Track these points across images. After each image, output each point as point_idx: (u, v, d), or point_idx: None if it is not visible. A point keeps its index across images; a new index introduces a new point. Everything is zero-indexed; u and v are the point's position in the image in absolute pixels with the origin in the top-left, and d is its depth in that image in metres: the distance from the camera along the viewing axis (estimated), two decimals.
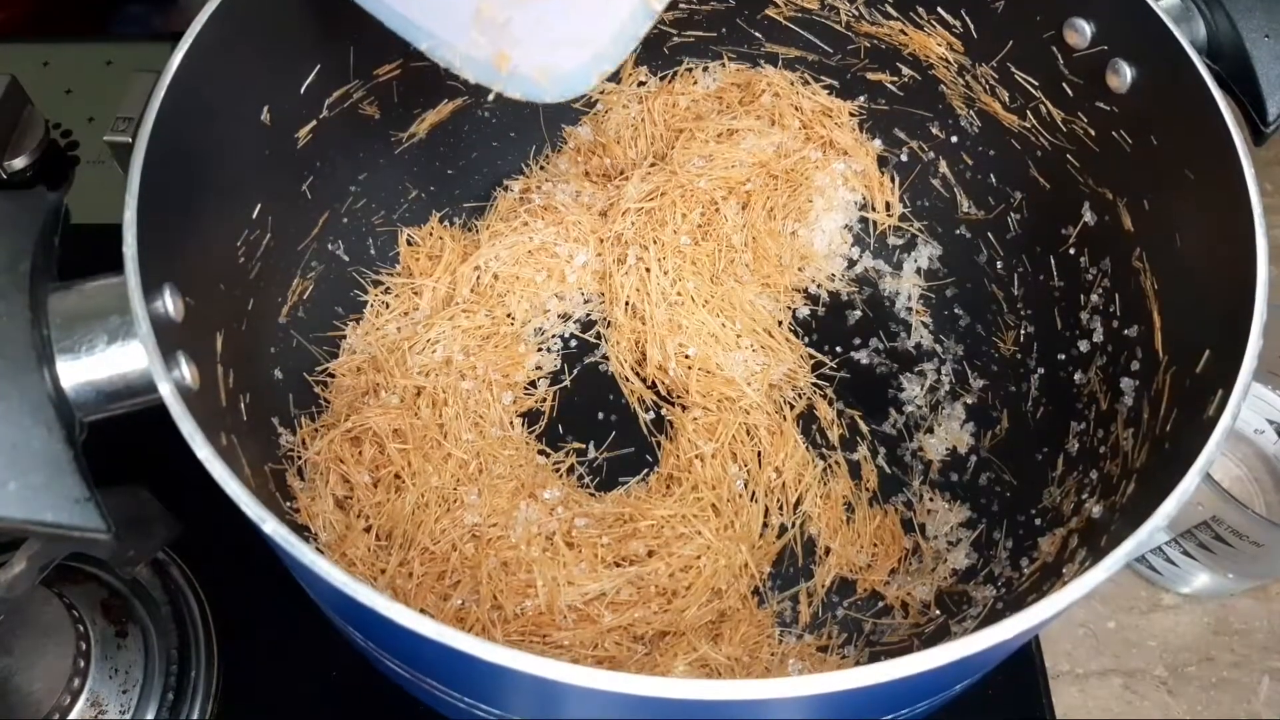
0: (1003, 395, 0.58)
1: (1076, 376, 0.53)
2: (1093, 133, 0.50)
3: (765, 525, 0.55)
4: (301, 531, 0.49)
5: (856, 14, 0.58)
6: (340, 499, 0.52)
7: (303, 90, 0.51)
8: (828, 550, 0.55)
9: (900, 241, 0.64)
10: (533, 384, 0.59)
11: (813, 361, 0.60)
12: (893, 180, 0.63)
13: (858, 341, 0.62)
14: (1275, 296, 0.39)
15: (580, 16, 0.40)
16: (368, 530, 0.52)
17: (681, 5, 0.60)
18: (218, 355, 0.43)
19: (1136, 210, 0.49)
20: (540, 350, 0.60)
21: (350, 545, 0.51)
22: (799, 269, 0.63)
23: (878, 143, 0.63)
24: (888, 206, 0.64)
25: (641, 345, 0.58)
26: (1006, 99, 0.55)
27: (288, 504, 0.50)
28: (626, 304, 0.59)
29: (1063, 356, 0.54)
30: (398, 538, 0.51)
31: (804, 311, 0.63)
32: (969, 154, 0.60)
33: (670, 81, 0.64)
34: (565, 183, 0.63)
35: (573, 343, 0.61)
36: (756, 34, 0.61)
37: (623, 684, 0.29)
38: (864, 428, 0.59)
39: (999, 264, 0.60)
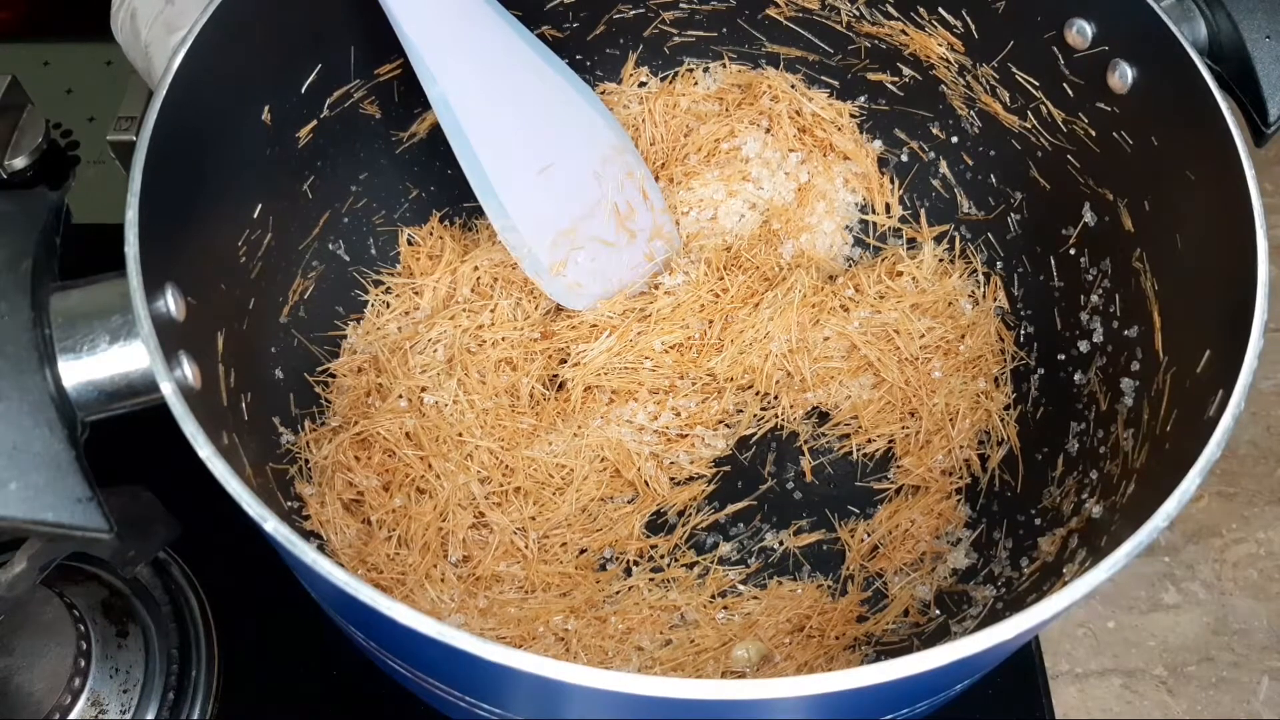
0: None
1: (1076, 376, 0.53)
2: (1093, 133, 0.50)
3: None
4: (311, 537, 0.50)
5: (857, 14, 0.58)
6: (347, 503, 0.52)
7: (303, 90, 0.51)
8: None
9: (900, 242, 0.64)
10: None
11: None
12: (893, 182, 0.63)
13: None
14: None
15: (616, 269, 0.60)
16: (389, 539, 0.52)
17: (682, 5, 0.60)
18: (219, 355, 0.43)
19: (1137, 211, 0.49)
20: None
21: (371, 552, 0.51)
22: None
23: (878, 143, 0.63)
24: (887, 208, 0.64)
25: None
26: (1007, 99, 0.55)
27: (289, 504, 0.50)
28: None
29: (1063, 356, 0.54)
30: (417, 542, 0.51)
31: None
32: (969, 154, 0.60)
33: (671, 82, 0.64)
34: None
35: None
36: (757, 34, 0.61)
37: (623, 684, 0.29)
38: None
39: (999, 264, 0.60)
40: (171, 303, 0.37)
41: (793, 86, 0.62)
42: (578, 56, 0.62)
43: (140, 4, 0.58)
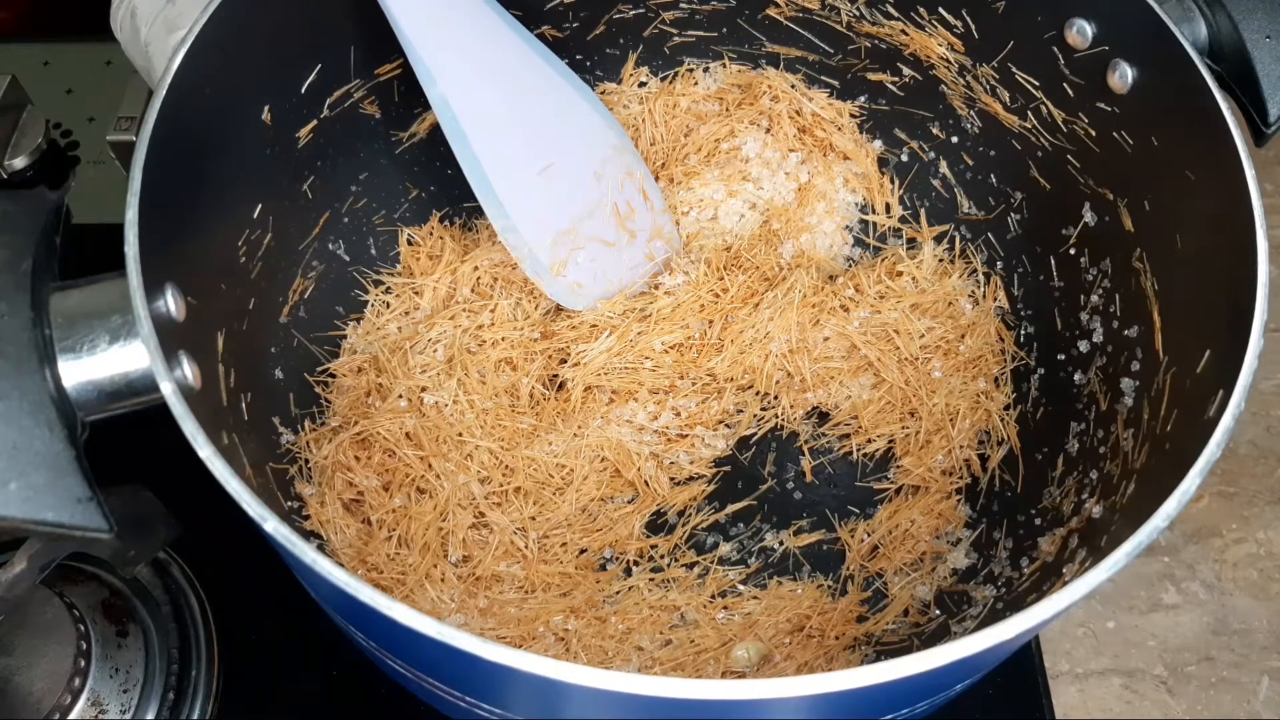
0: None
1: (1076, 376, 0.53)
2: (1093, 133, 0.50)
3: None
4: (311, 537, 0.50)
5: (857, 14, 0.58)
6: (347, 503, 0.52)
7: (303, 90, 0.51)
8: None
9: (900, 242, 0.64)
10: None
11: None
12: (893, 181, 0.63)
13: None
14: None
15: (617, 270, 0.60)
16: (389, 539, 0.52)
17: (682, 5, 0.60)
18: (219, 355, 0.43)
19: (1137, 210, 0.49)
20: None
21: (371, 552, 0.51)
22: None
23: (878, 143, 0.63)
24: (887, 208, 0.64)
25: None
26: (1007, 99, 0.55)
27: (289, 504, 0.50)
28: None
29: (1063, 356, 0.54)
30: (417, 542, 0.52)
31: None
32: (969, 154, 0.60)
33: (671, 82, 0.64)
34: None
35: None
36: (757, 34, 0.61)
37: (623, 684, 0.29)
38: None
39: (999, 264, 0.60)
40: (171, 303, 0.37)
41: (793, 86, 0.62)
42: (578, 56, 0.62)
43: (140, 3, 0.58)
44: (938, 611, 0.52)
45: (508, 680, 0.32)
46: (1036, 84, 0.53)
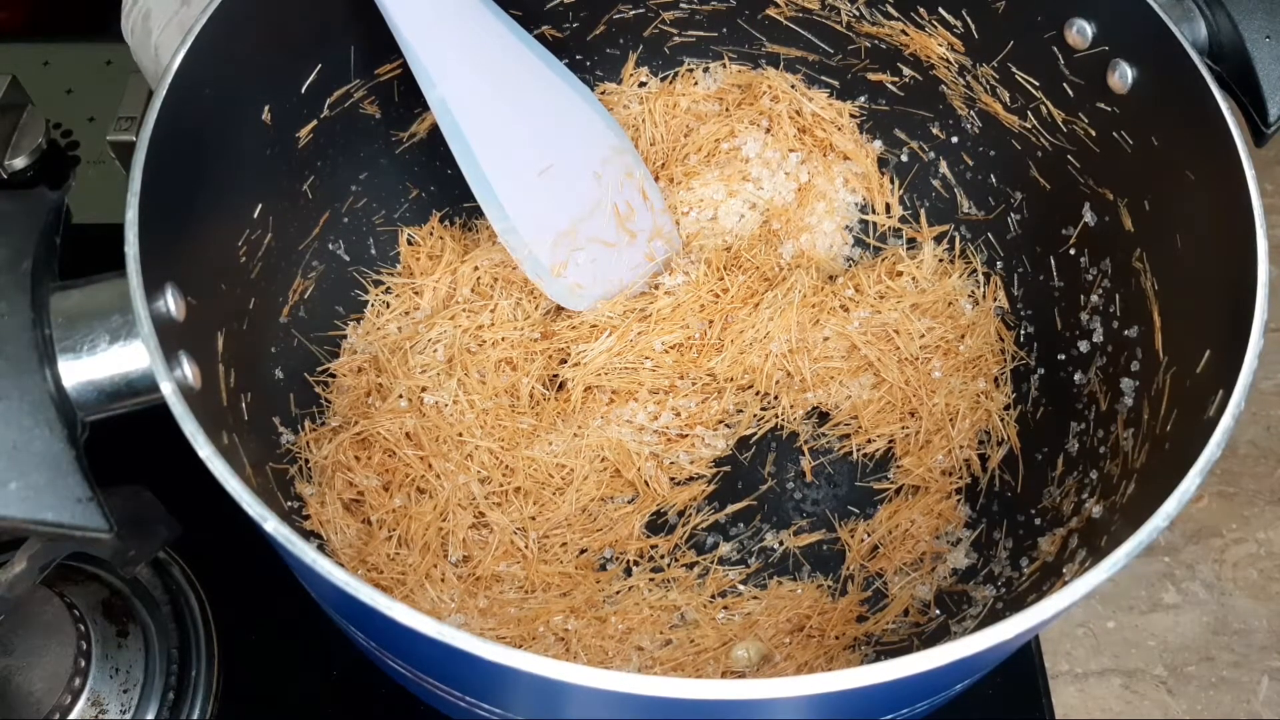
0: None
1: (1076, 376, 0.53)
2: (1093, 133, 0.50)
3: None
4: (311, 537, 0.50)
5: (857, 14, 0.58)
6: (347, 503, 0.52)
7: (303, 90, 0.51)
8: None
9: (900, 242, 0.64)
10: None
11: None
12: (893, 182, 0.63)
13: None
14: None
15: (617, 270, 0.60)
16: (389, 539, 0.52)
17: (682, 5, 0.60)
18: (219, 355, 0.43)
19: (1137, 210, 0.49)
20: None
21: (371, 552, 0.51)
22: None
23: (878, 144, 0.63)
24: (887, 208, 0.64)
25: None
26: (1007, 99, 0.55)
27: (289, 504, 0.50)
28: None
29: (1063, 356, 0.54)
30: (417, 542, 0.52)
31: None
32: (969, 154, 0.60)
33: (671, 82, 0.64)
34: None
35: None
36: (757, 34, 0.61)
37: (623, 684, 0.29)
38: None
39: (999, 264, 0.60)
40: (171, 303, 0.37)
41: (793, 86, 0.62)
42: (578, 56, 0.62)
43: (155, 5, 0.58)
44: (938, 611, 0.52)
45: (508, 680, 0.32)
46: (1036, 84, 0.53)
